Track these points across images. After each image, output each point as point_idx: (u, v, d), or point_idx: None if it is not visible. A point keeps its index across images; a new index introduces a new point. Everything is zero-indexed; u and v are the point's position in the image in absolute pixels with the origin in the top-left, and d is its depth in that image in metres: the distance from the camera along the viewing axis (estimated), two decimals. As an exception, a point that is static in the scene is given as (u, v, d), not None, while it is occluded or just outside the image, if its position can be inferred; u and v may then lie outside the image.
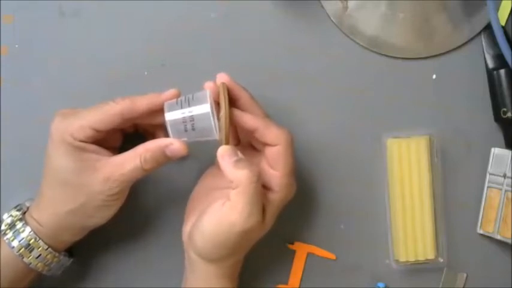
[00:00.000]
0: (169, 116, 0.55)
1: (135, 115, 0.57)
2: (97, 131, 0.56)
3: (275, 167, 0.56)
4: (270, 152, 0.57)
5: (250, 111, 0.57)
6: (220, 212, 0.54)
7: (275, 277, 0.65)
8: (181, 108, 0.55)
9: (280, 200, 0.57)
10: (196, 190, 0.61)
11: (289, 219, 0.64)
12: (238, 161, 0.54)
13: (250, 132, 0.57)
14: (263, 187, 0.56)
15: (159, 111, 0.56)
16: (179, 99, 0.56)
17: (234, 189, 0.54)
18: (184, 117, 0.55)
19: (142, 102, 0.57)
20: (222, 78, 0.57)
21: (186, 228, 0.59)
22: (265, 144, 0.57)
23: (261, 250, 0.62)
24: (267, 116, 0.59)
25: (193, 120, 0.55)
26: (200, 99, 0.55)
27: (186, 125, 0.55)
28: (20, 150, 0.64)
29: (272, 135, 0.56)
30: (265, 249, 0.63)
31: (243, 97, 0.58)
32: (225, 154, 0.55)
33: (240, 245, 0.56)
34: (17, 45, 0.65)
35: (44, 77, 0.65)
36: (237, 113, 0.56)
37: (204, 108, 0.55)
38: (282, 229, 0.64)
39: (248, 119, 0.56)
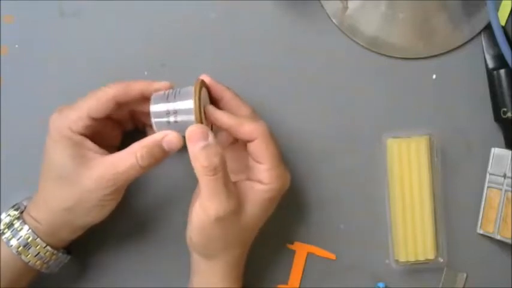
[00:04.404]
0: (154, 108, 0.56)
1: (128, 99, 0.57)
2: (94, 119, 0.56)
3: (260, 161, 0.56)
4: (251, 147, 0.57)
5: (234, 110, 0.58)
6: (197, 204, 0.55)
7: (275, 277, 0.65)
8: (167, 101, 0.56)
9: (273, 191, 0.57)
10: (196, 192, 0.61)
11: (289, 219, 0.64)
12: (205, 147, 0.53)
13: (228, 129, 0.57)
14: (254, 181, 0.57)
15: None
16: (166, 92, 0.57)
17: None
18: (168, 110, 0.55)
19: (135, 87, 0.57)
20: (203, 79, 0.57)
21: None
22: (246, 141, 0.57)
23: (261, 250, 0.62)
24: (254, 112, 0.59)
25: (176, 114, 0.55)
26: (186, 94, 0.55)
27: (169, 118, 0.55)
28: (20, 150, 0.64)
29: (246, 130, 0.56)
30: (265, 249, 0.63)
31: (225, 97, 0.58)
32: (192, 137, 0.54)
33: (226, 236, 0.56)
34: (17, 45, 0.65)
35: (44, 77, 0.65)
36: (211, 109, 0.56)
37: (188, 104, 0.55)
38: (281, 229, 0.64)
39: (220, 117, 0.56)
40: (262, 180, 0.56)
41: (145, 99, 0.57)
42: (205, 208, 0.54)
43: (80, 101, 0.57)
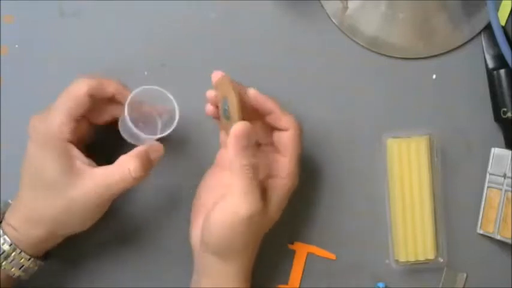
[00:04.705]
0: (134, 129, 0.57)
1: (103, 96, 0.58)
2: (76, 120, 0.56)
3: (284, 153, 0.57)
4: (280, 137, 0.58)
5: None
6: (223, 203, 0.55)
7: (275, 277, 0.65)
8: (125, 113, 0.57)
9: (287, 187, 0.58)
10: (199, 193, 0.61)
11: (289, 219, 0.64)
12: (245, 148, 0.54)
13: (265, 115, 0.57)
14: (273, 178, 0.57)
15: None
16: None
17: (230, 170, 0.54)
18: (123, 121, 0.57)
19: (108, 87, 0.57)
20: (217, 75, 0.57)
21: (195, 232, 0.59)
22: (277, 129, 0.58)
23: (261, 250, 0.62)
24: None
25: (124, 125, 0.58)
26: (163, 99, 0.58)
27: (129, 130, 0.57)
28: (20, 150, 0.64)
29: (286, 119, 0.57)
30: (265, 249, 0.63)
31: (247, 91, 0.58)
32: (238, 135, 0.54)
33: (249, 235, 0.56)
34: (17, 45, 0.65)
35: (44, 77, 0.65)
36: (254, 93, 0.57)
37: (172, 107, 0.58)
38: (282, 229, 0.64)
39: (266, 100, 0.57)
40: (280, 174, 0.57)
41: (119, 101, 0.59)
42: (236, 207, 0.54)
43: (56, 104, 0.56)
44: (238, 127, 0.54)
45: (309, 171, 0.64)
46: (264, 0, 0.65)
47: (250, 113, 0.57)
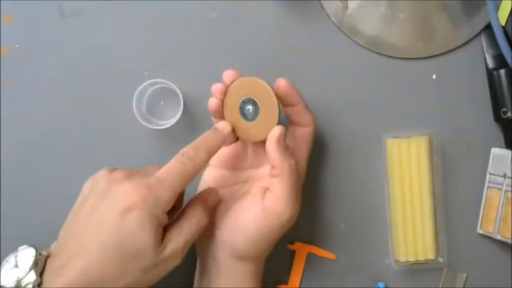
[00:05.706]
0: None
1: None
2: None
3: (301, 148, 0.58)
4: (297, 131, 0.58)
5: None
6: (264, 205, 0.55)
7: (275, 277, 0.65)
8: None
9: (301, 185, 0.59)
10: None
11: (289, 219, 0.64)
12: (287, 148, 0.55)
13: (288, 106, 0.58)
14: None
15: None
16: None
17: (275, 176, 0.54)
18: None
19: (211, 153, 0.55)
20: (229, 74, 0.57)
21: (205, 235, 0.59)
22: (297, 124, 0.58)
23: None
24: None
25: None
26: None
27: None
28: (20, 150, 0.64)
29: (307, 114, 0.58)
30: (265, 249, 0.63)
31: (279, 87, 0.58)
32: (280, 137, 0.55)
33: (280, 235, 0.57)
34: (17, 45, 0.65)
35: (44, 77, 0.65)
36: (287, 84, 0.57)
37: None
38: (282, 229, 0.64)
39: (295, 92, 0.58)
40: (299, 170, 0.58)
41: None
42: (281, 209, 0.54)
43: (163, 177, 0.52)
44: (279, 130, 0.55)
45: (308, 171, 0.64)
46: (264, 0, 0.65)
47: None
